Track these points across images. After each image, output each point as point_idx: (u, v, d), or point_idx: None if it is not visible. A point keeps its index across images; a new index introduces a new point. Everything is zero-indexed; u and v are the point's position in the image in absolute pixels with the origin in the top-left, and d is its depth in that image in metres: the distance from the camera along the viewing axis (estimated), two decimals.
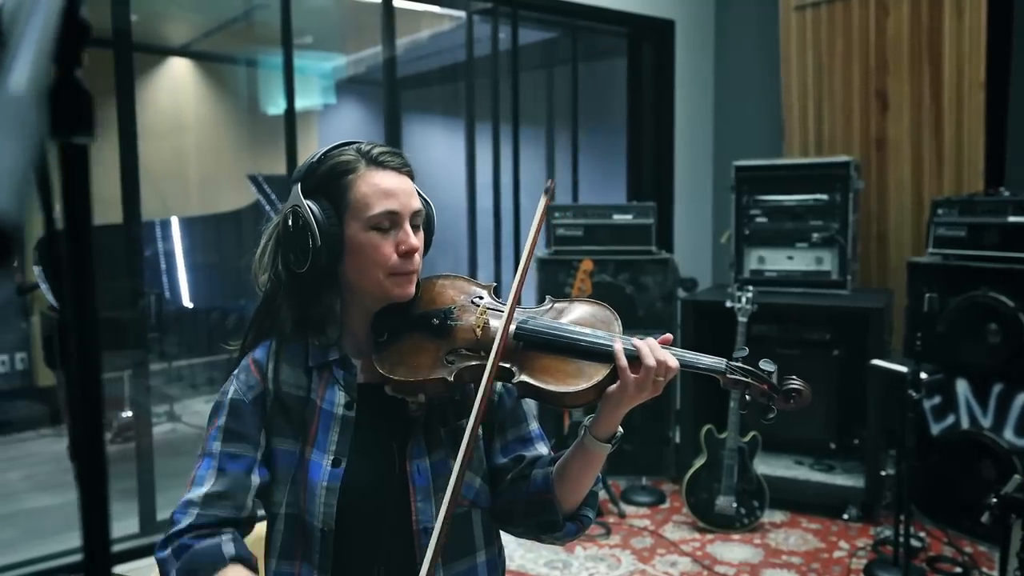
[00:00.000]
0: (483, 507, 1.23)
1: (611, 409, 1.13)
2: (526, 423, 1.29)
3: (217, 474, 1.11)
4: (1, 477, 4.17)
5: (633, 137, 4.84)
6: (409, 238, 1.14)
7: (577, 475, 1.18)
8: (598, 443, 1.15)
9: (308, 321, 1.20)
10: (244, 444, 1.14)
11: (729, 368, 1.15)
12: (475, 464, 1.22)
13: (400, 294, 1.17)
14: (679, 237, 4.81)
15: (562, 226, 3.98)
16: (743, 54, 4.85)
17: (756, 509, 3.45)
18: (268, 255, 1.19)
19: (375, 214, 1.13)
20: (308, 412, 1.17)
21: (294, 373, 1.19)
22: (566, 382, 1.11)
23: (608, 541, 3.39)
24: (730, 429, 3.40)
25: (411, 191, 1.17)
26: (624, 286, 3.96)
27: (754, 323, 3.73)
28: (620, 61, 4.94)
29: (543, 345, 1.14)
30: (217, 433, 1.15)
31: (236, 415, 1.15)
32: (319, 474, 1.14)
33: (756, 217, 3.92)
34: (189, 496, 1.10)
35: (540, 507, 1.20)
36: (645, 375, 1.10)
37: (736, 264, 3.95)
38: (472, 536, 1.22)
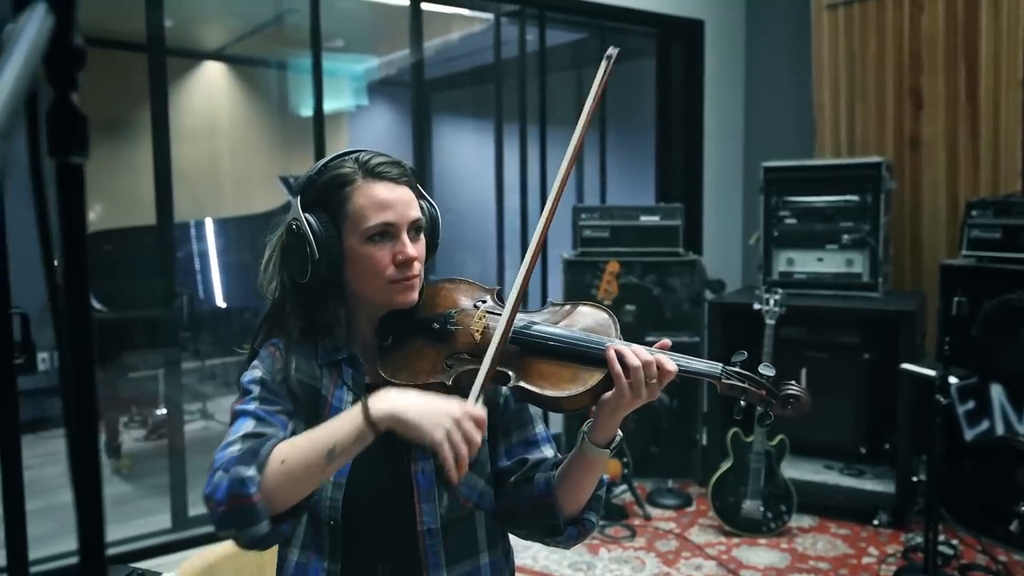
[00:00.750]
0: (486, 509, 1.24)
1: (607, 414, 1.13)
2: (532, 426, 1.29)
3: (256, 422, 1.11)
4: (39, 472, 4.27)
5: (662, 138, 4.82)
6: (406, 248, 1.15)
7: (577, 480, 1.18)
8: (596, 449, 1.15)
9: (315, 327, 1.22)
10: (279, 408, 1.15)
11: (725, 372, 1.14)
12: (479, 466, 1.23)
13: (402, 301, 1.19)
14: (708, 239, 4.77)
15: (589, 227, 3.97)
16: (774, 54, 4.80)
17: (783, 513, 3.42)
18: (272, 265, 1.22)
19: (370, 226, 1.14)
20: (320, 406, 1.20)
21: (308, 363, 1.21)
22: (561, 387, 1.11)
23: (633, 543, 3.38)
24: (756, 432, 3.37)
25: (409, 201, 1.18)
26: (651, 288, 3.95)
27: (783, 326, 3.69)
28: (649, 62, 4.92)
29: (540, 349, 1.15)
30: (251, 401, 1.14)
31: (269, 390, 1.16)
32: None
33: (785, 219, 3.88)
34: (228, 441, 1.08)
35: (542, 511, 1.20)
36: (635, 377, 1.09)
37: (764, 266, 3.91)
38: (475, 538, 1.23)
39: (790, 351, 3.82)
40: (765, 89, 4.84)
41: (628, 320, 3.91)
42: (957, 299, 2.95)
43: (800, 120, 4.55)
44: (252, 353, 1.24)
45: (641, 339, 3.86)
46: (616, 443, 1.17)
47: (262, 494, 1.00)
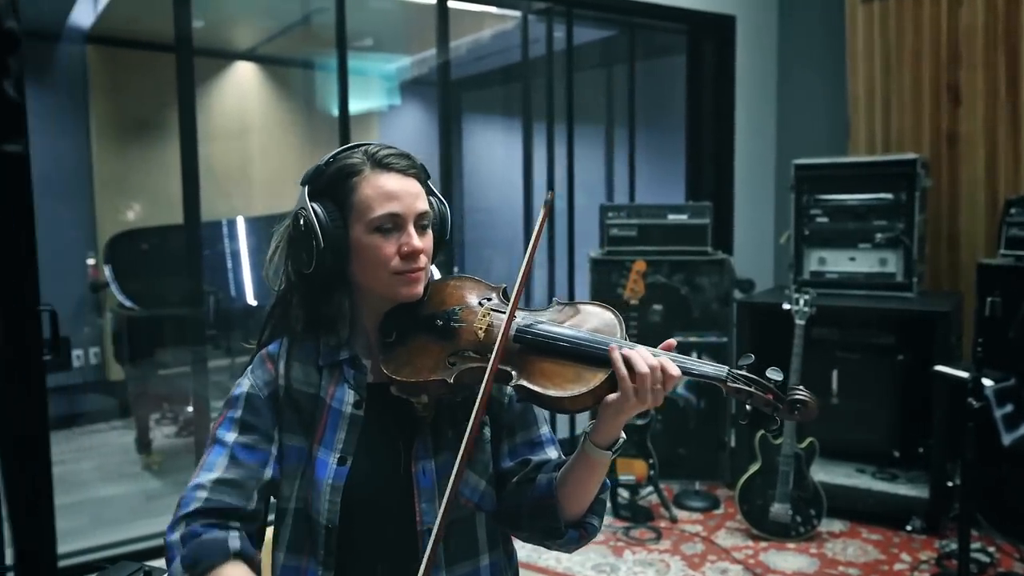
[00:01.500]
0: (487, 510, 1.22)
1: (610, 416, 1.11)
2: (536, 426, 1.27)
3: (229, 462, 1.12)
4: (74, 467, 4.36)
5: (692, 136, 4.76)
6: (411, 240, 1.14)
7: (579, 483, 1.16)
8: (598, 451, 1.12)
9: (320, 320, 1.21)
10: (259, 437, 1.15)
11: (731, 376, 1.10)
12: (480, 467, 1.21)
13: (407, 294, 1.17)
14: (739, 238, 4.70)
15: (616, 226, 3.93)
16: (807, 49, 4.71)
17: (813, 517, 3.35)
18: (279, 256, 1.21)
19: (377, 216, 1.14)
20: (317, 410, 1.18)
21: (305, 370, 1.20)
22: (563, 387, 1.09)
23: (658, 546, 3.34)
24: (785, 435, 3.31)
25: (416, 193, 1.17)
26: (679, 287, 3.90)
27: (814, 326, 3.63)
28: (679, 59, 4.86)
29: (543, 348, 1.13)
30: (231, 424, 1.16)
31: (252, 409, 1.17)
32: (325, 472, 1.15)
33: (817, 217, 3.80)
34: (199, 480, 1.11)
35: (543, 513, 1.18)
36: (641, 383, 1.06)
37: (795, 266, 3.84)
38: (475, 539, 1.21)
39: (821, 352, 3.75)
40: (798, 85, 4.76)
41: (655, 320, 3.87)
42: (991, 299, 2.86)
43: (834, 117, 4.46)
44: (258, 349, 1.24)
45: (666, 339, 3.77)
46: (619, 445, 1.14)
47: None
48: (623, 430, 1.15)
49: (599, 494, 1.20)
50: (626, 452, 3.57)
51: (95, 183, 5.08)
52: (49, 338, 2.98)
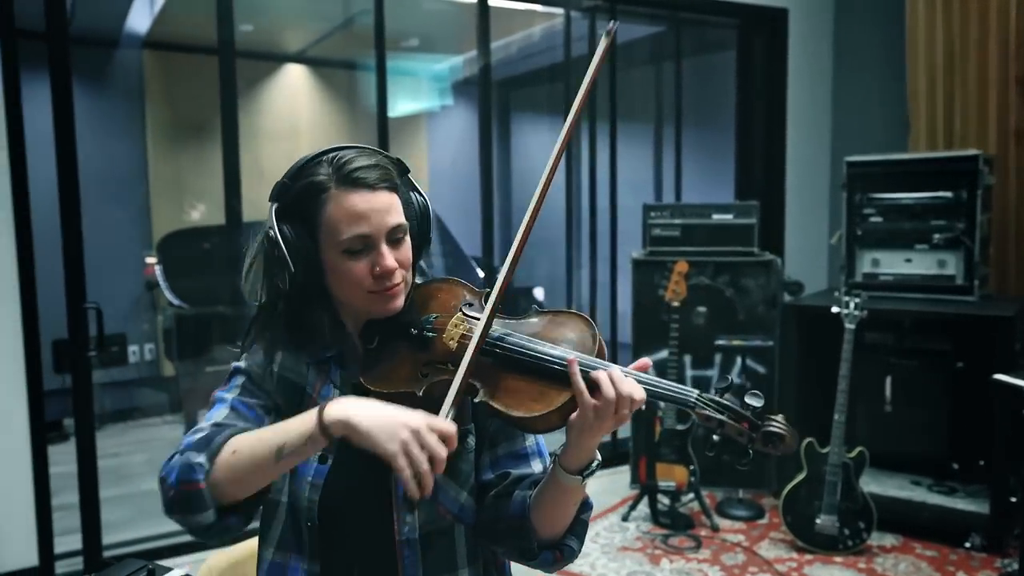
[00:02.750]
0: (467, 523, 1.17)
1: (575, 438, 1.04)
2: (522, 438, 1.20)
3: (230, 412, 1.11)
4: (127, 459, 4.48)
5: (742, 134, 4.63)
6: (383, 260, 1.09)
7: (551, 505, 1.09)
8: (567, 475, 1.05)
9: (302, 328, 1.18)
10: (257, 402, 1.14)
11: (700, 401, 1.00)
12: (462, 478, 1.16)
13: (382, 310, 1.13)
14: (790, 239, 4.55)
15: (658, 226, 3.84)
16: (864, 42, 4.53)
17: (862, 531, 3.21)
18: (254, 271, 1.17)
19: (345, 239, 1.09)
20: (304, 403, 1.16)
21: (295, 360, 1.18)
22: (526, 406, 1.02)
23: (697, 555, 3.24)
24: (833, 443, 3.18)
25: (386, 208, 1.10)
26: (723, 289, 3.78)
27: (867, 331, 3.49)
28: (729, 54, 4.73)
29: (510, 363, 1.06)
30: (233, 388, 1.15)
31: (251, 381, 1.16)
32: (307, 468, 1.13)
33: (870, 217, 3.64)
34: (197, 427, 1.09)
35: (515, 531, 1.12)
36: (605, 406, 0.99)
37: (847, 267, 3.68)
38: (454, 552, 1.16)
39: (874, 358, 3.60)
40: (854, 80, 4.58)
41: (699, 322, 3.77)
42: None
43: (893, 113, 4.28)
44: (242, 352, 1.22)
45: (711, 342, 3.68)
46: (590, 470, 1.06)
47: (209, 483, 1.00)
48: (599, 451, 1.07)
49: (580, 514, 1.13)
50: (666, 457, 3.48)
51: (150, 184, 5.23)
52: (95, 335, 3.07)
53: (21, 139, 2.84)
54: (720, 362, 3.81)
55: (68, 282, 2.97)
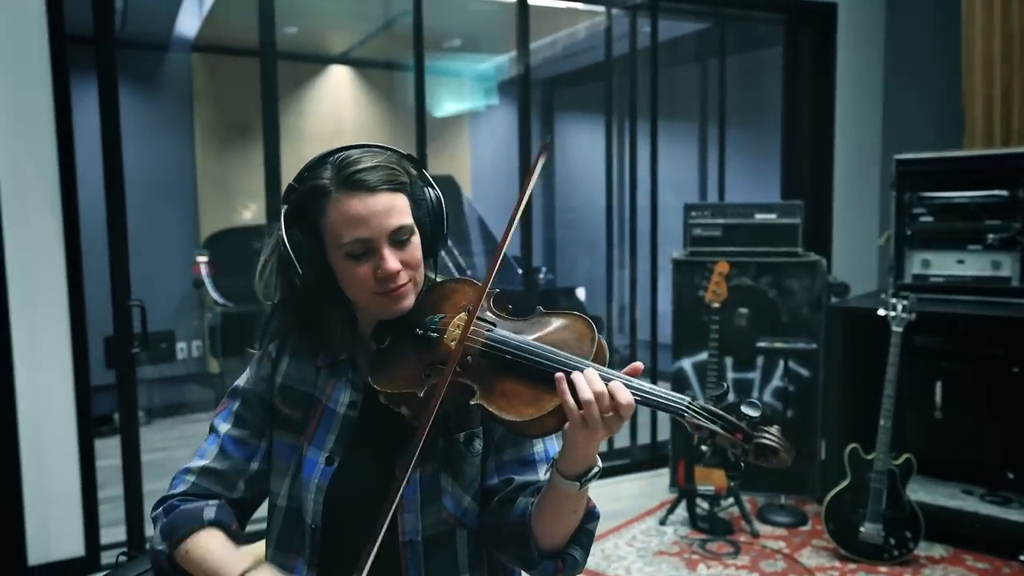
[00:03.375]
0: (470, 527, 1.15)
1: (568, 443, 1.01)
2: (529, 444, 1.18)
3: (219, 453, 1.18)
4: (173, 454, 4.58)
5: (789, 132, 4.53)
6: (385, 263, 1.08)
7: (551, 513, 1.07)
8: (564, 481, 1.03)
9: (316, 327, 1.19)
10: (249, 432, 1.19)
11: (691, 409, 0.96)
12: (466, 481, 1.14)
13: (390, 311, 1.13)
14: (839, 239, 4.44)
15: (699, 226, 3.78)
16: (917, 37, 4.39)
17: (908, 540, 3.11)
18: (268, 271, 1.19)
19: (345, 243, 1.08)
20: (311, 409, 1.17)
21: (302, 369, 1.19)
22: (518, 410, 1.00)
23: (735, 561, 3.18)
24: (878, 449, 3.08)
25: (387, 210, 1.08)
26: (766, 290, 3.70)
27: (916, 334, 3.38)
28: (775, 50, 4.64)
29: (507, 366, 1.04)
30: (228, 415, 1.20)
31: (246, 403, 1.20)
32: (313, 471, 1.13)
33: (920, 216, 3.52)
34: (189, 465, 1.18)
35: (517, 539, 1.10)
36: (587, 410, 0.96)
37: (896, 268, 3.57)
38: (455, 556, 1.14)
39: (924, 362, 3.48)
40: (907, 75, 4.44)
41: (741, 324, 3.70)
42: None
43: (947, 109, 4.14)
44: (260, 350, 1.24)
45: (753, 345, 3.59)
46: (589, 477, 1.03)
47: (170, 563, 1.13)
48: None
49: (585, 524, 1.10)
50: (705, 462, 3.42)
51: (198, 184, 5.35)
52: (140, 332, 3.14)
53: (70, 142, 2.92)
54: (763, 365, 3.74)
55: (113, 280, 3.05)
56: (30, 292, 2.88)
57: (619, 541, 3.37)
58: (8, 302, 2.83)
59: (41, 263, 2.90)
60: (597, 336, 1.05)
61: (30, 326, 2.88)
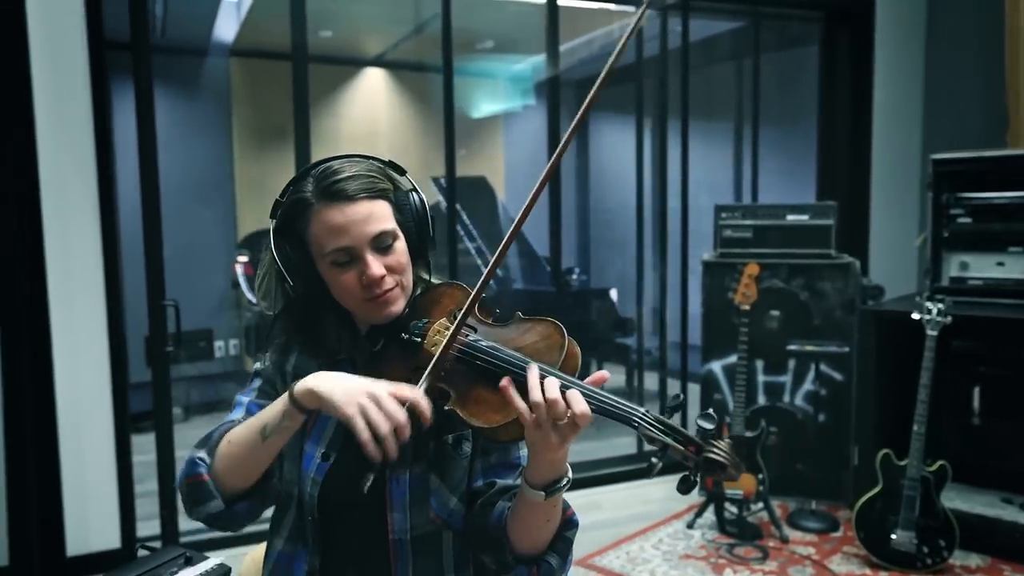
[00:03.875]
0: (455, 528, 1.17)
1: (530, 451, 1.02)
2: (515, 448, 1.19)
3: (244, 415, 1.19)
4: None
5: (825, 132, 4.45)
6: (368, 269, 1.10)
7: (522, 519, 1.07)
8: (529, 489, 1.03)
9: (314, 333, 1.22)
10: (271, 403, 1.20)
11: (643, 420, 0.95)
12: (454, 483, 1.16)
13: (379, 316, 1.15)
14: (876, 241, 4.35)
15: (729, 227, 3.74)
16: (959, 32, 4.29)
17: (942, 549, 3.03)
18: (267, 281, 1.22)
19: (327, 252, 1.11)
20: None
21: (307, 365, 1.22)
22: (487, 416, 1.01)
23: (763, 566, 3.14)
24: (912, 456, 3.02)
25: (366, 218, 1.10)
26: (798, 292, 3.65)
27: (955, 338, 3.30)
28: (811, 49, 4.57)
29: (480, 371, 1.05)
30: (251, 391, 1.23)
31: (267, 382, 1.23)
32: (310, 465, 1.16)
33: (958, 217, 3.44)
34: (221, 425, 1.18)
35: (493, 543, 1.11)
36: (537, 413, 0.96)
37: (932, 271, 3.49)
38: (440, 557, 1.16)
39: (961, 367, 3.40)
40: (948, 73, 4.34)
41: (772, 326, 3.66)
42: None
43: (990, 107, 4.03)
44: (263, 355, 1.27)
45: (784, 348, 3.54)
46: (558, 486, 1.03)
47: (213, 474, 1.08)
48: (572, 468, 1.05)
49: (563, 531, 1.11)
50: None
51: (236, 186, 5.46)
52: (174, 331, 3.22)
53: (108, 145, 3.01)
54: (794, 368, 3.68)
55: (149, 280, 3.13)
56: (70, 292, 2.97)
57: (645, 544, 3.36)
58: (48, 301, 2.92)
59: (80, 264, 2.99)
60: (567, 343, 1.05)
61: (69, 325, 2.97)
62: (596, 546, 3.32)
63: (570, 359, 1.04)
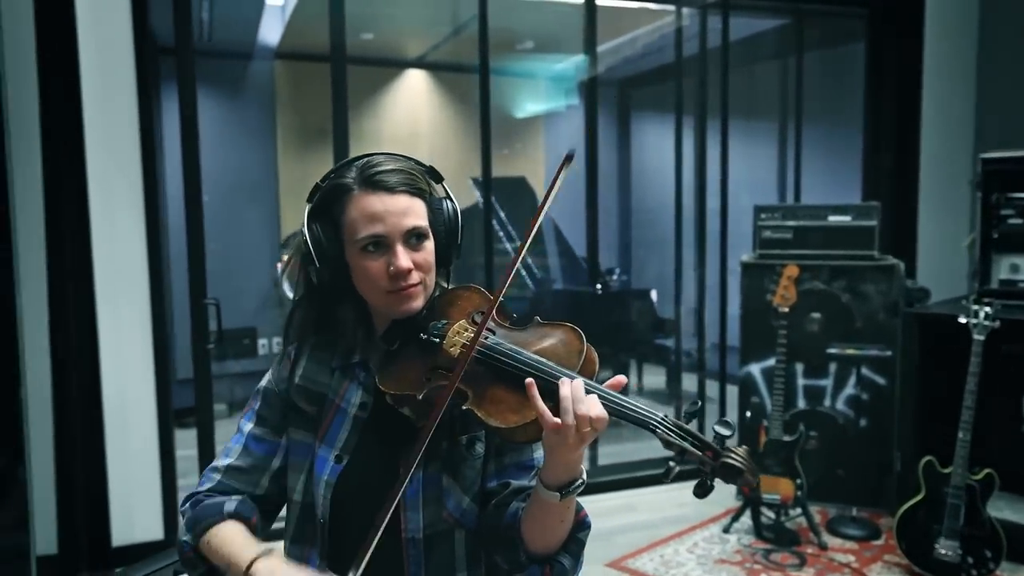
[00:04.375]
0: (468, 528, 1.18)
1: (548, 453, 1.02)
2: (529, 449, 1.19)
3: (242, 451, 1.22)
4: None
5: (871, 131, 4.35)
6: (397, 260, 1.12)
7: (537, 520, 1.08)
8: (545, 491, 1.04)
9: (334, 325, 1.24)
10: (270, 430, 1.24)
11: (662, 425, 0.96)
12: (467, 483, 1.17)
13: (401, 311, 1.16)
14: (924, 242, 4.24)
15: (769, 228, 3.68)
16: (1013, 29, 4.15)
17: (988, 560, 2.95)
18: (292, 268, 1.25)
19: (360, 238, 1.13)
20: (324, 409, 1.21)
21: (318, 370, 1.23)
22: (503, 416, 1.02)
23: (799, 574, 3.09)
24: (956, 463, 2.94)
25: (403, 210, 1.13)
26: (839, 295, 3.58)
27: (1004, 342, 3.20)
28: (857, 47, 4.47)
29: (499, 373, 1.06)
30: (251, 415, 1.25)
31: (267, 402, 1.25)
32: (323, 468, 1.18)
33: (1009, 218, 3.34)
34: (216, 463, 1.23)
35: (507, 543, 1.12)
36: (565, 427, 0.97)
37: (980, 273, 3.40)
38: (452, 556, 1.17)
39: (1011, 372, 3.30)
40: (1000, 72, 4.21)
41: (813, 329, 3.60)
42: None
43: None
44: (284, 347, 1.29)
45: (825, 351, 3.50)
46: (570, 489, 1.03)
47: (195, 553, 1.17)
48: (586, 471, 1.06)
49: (576, 533, 1.11)
50: (771, 469, 3.34)
51: (280, 186, 5.56)
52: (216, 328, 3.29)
53: (152, 147, 3.09)
54: (835, 372, 3.61)
55: (191, 279, 3.21)
56: (116, 291, 3.06)
57: (679, 547, 3.33)
58: (95, 300, 3.01)
59: (126, 263, 3.08)
60: (586, 348, 1.06)
61: (116, 323, 3.07)
62: (630, 548, 3.30)
63: (588, 364, 1.05)
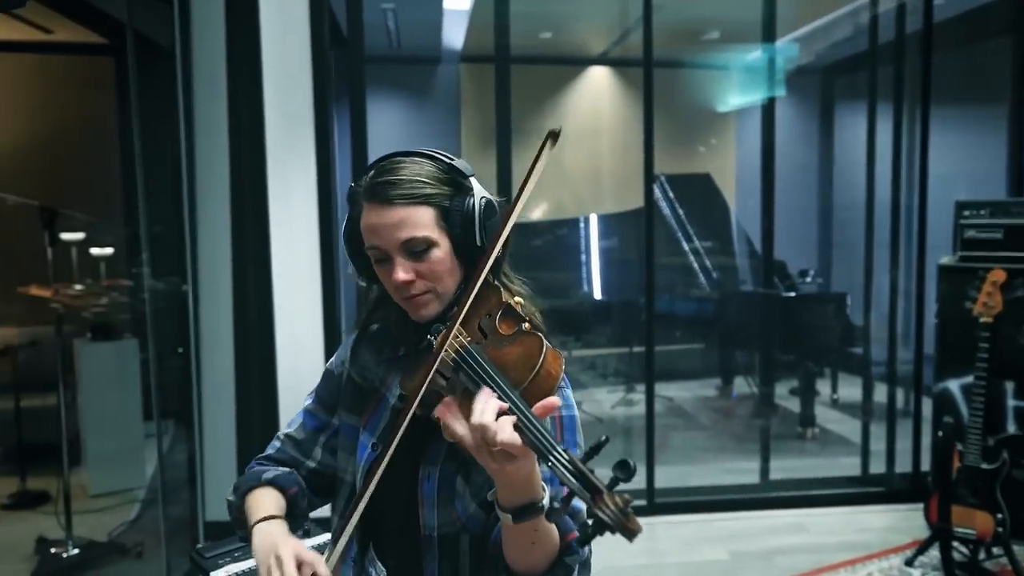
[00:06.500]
0: (473, 533, 1.14)
1: (490, 473, 0.96)
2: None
3: (300, 424, 1.31)
4: None
5: None
6: (394, 272, 1.11)
7: (507, 540, 1.03)
8: (500, 511, 0.98)
9: (383, 319, 1.26)
10: (324, 408, 1.30)
11: (556, 459, 0.86)
12: (474, 488, 1.13)
13: (414, 316, 1.15)
14: None
15: (973, 227, 3.24)
16: None
17: None
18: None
19: (367, 247, 1.14)
20: (372, 397, 1.24)
21: (373, 360, 1.25)
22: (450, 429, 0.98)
23: None
24: None
25: (398, 223, 1.09)
26: None
27: None
28: None
29: (468, 381, 1.00)
30: (313, 393, 1.33)
31: (327, 383, 1.31)
32: (363, 454, 1.20)
33: None
34: (280, 432, 1.32)
35: (494, 559, 1.07)
36: (475, 446, 0.93)
37: None
38: (458, 557, 1.14)
39: None
40: None
41: None
42: None
43: None
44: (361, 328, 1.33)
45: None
46: (528, 513, 0.96)
47: (237, 512, 1.24)
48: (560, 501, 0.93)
49: (563, 556, 1.04)
50: (964, 500, 2.95)
51: None
52: None
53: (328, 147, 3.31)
54: None
55: None
56: (291, 285, 3.31)
57: None
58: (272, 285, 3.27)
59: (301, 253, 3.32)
60: (540, 363, 0.97)
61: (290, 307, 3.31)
62: (790, 571, 3.06)
63: (542, 380, 0.97)
